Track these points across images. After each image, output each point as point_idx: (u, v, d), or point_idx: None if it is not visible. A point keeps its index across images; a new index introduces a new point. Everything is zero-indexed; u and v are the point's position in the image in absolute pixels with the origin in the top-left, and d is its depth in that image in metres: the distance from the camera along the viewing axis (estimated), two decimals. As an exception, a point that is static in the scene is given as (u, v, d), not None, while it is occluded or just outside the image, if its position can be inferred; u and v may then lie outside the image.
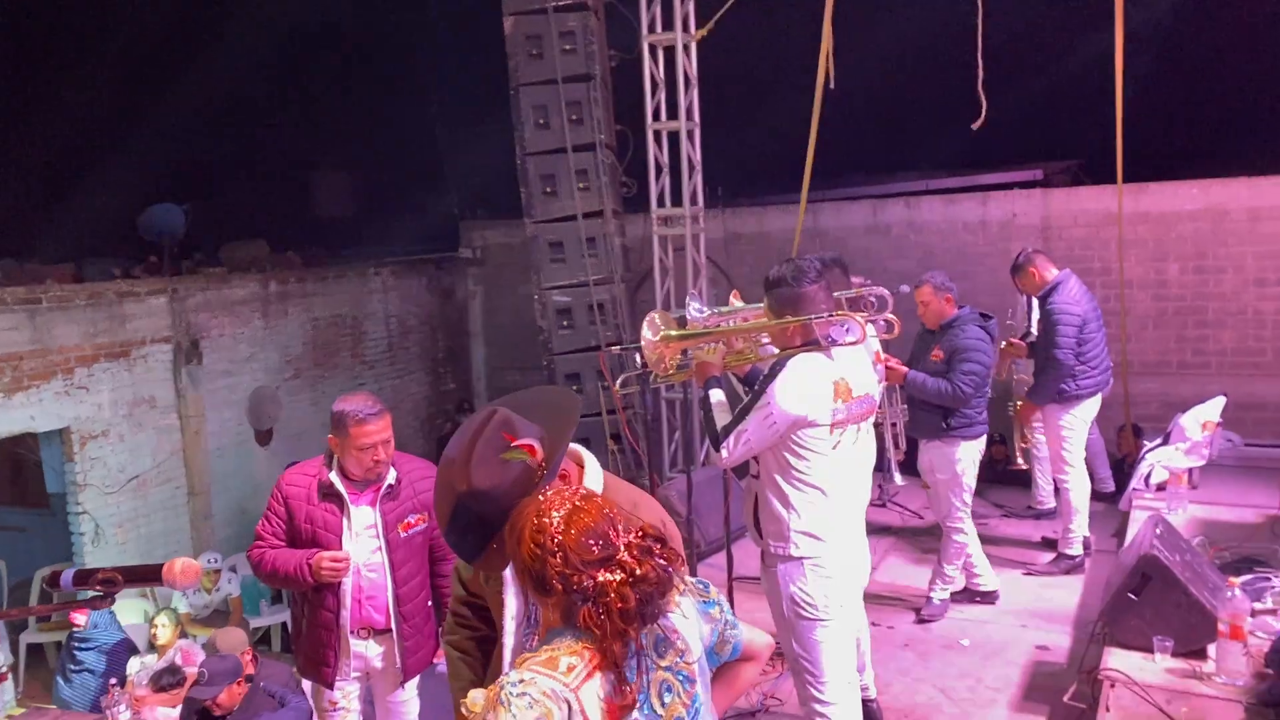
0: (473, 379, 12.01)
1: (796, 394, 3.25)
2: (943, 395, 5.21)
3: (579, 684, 1.82)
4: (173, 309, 8.48)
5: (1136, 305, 8.59)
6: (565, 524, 1.85)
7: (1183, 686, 3.86)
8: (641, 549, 1.86)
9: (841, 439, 3.35)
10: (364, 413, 3.22)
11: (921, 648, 5.10)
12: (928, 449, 5.43)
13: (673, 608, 1.95)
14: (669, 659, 1.92)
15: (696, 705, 1.97)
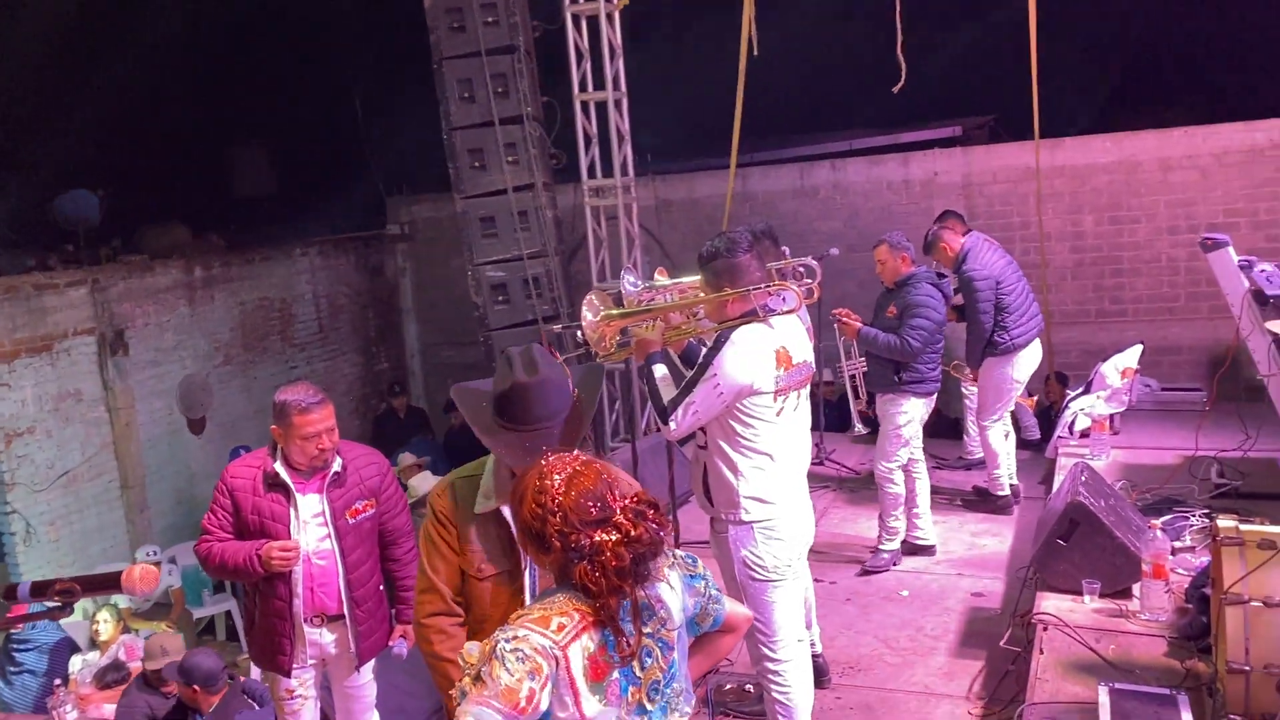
0: (406, 357, 11.91)
1: (742, 364, 3.32)
2: (892, 349, 5.38)
3: (567, 642, 1.93)
4: (94, 299, 8.26)
5: (1055, 257, 8.84)
6: (565, 486, 1.98)
7: (1111, 625, 4.06)
8: (636, 512, 1.97)
9: (784, 405, 3.44)
10: (306, 402, 3.22)
11: (863, 601, 5.26)
12: (880, 401, 5.63)
13: (661, 578, 2.06)
14: (651, 626, 2.03)
15: (673, 670, 2.08)
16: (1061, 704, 3.47)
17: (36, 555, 7.70)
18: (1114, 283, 8.87)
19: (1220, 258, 4.99)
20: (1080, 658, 3.80)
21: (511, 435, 2.41)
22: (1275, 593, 3.08)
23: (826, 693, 4.29)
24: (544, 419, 2.42)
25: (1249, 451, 5.65)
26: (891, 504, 5.59)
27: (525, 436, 2.39)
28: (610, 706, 1.98)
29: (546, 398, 2.42)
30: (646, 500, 2.02)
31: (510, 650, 1.91)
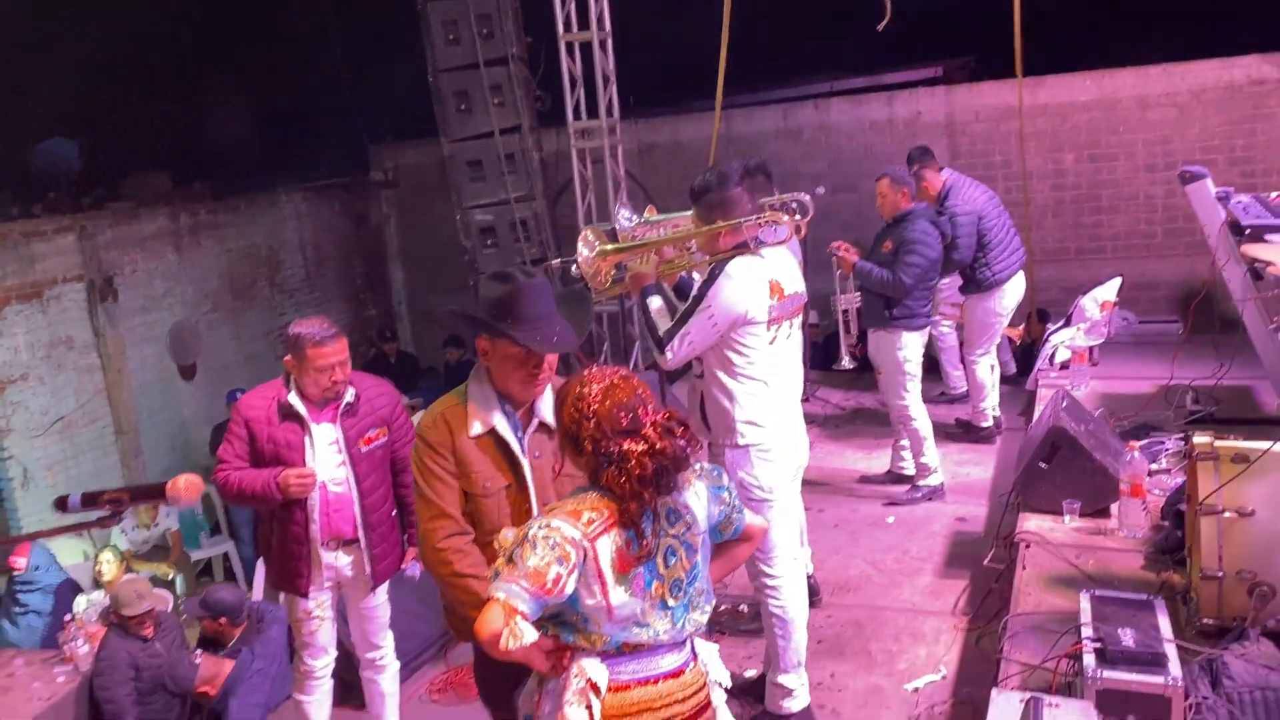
0: (393, 304, 11.97)
1: (736, 294, 3.43)
2: (885, 284, 5.46)
3: (596, 535, 2.10)
4: (82, 247, 8.27)
5: (1037, 195, 8.97)
6: (602, 395, 2.16)
7: (1090, 542, 4.25)
8: (664, 428, 2.14)
9: (777, 334, 3.56)
10: (321, 335, 3.30)
11: (851, 528, 5.44)
12: (874, 338, 5.72)
13: (688, 486, 2.23)
14: (678, 529, 2.20)
15: (695, 571, 2.24)
16: (1043, 614, 3.64)
17: (34, 500, 7.79)
18: (1093, 220, 9.01)
19: (1198, 189, 5.11)
20: (1061, 572, 3.99)
21: (519, 334, 2.53)
22: (1247, 503, 3.24)
23: (818, 611, 4.47)
24: (548, 317, 2.57)
25: (1223, 380, 5.82)
26: (919, 441, 5.66)
27: (529, 334, 2.52)
28: (635, 597, 2.13)
29: (547, 297, 2.60)
30: (677, 418, 2.18)
31: (542, 537, 2.07)
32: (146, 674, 4.85)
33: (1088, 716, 2.57)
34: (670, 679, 2.19)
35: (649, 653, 2.18)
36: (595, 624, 2.14)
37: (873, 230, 6.86)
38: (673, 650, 2.22)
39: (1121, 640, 2.84)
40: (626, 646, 2.17)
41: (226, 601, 4.89)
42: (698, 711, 2.23)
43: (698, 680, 2.26)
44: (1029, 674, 3.22)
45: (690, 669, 2.25)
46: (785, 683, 3.60)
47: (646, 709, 2.15)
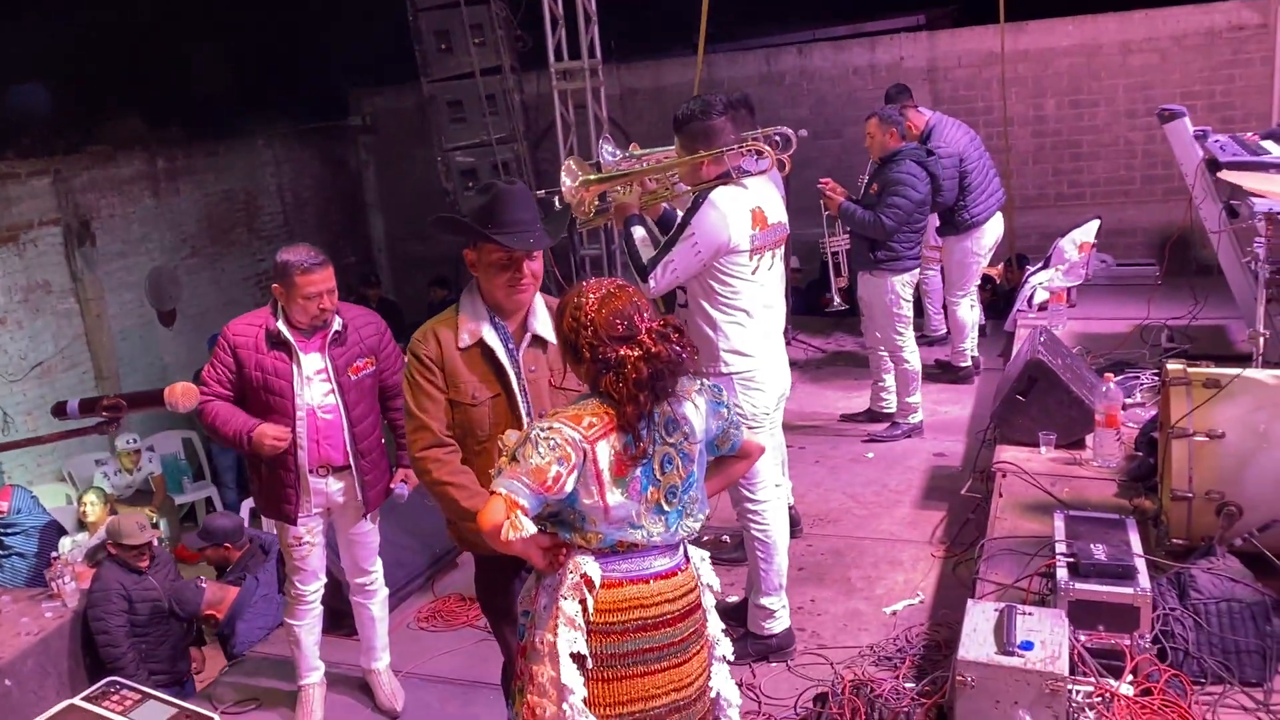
0: (373, 251, 11.91)
1: (719, 223, 3.45)
2: (866, 226, 5.47)
3: (595, 438, 2.17)
4: (58, 190, 8.18)
5: (1018, 142, 8.99)
6: (599, 304, 2.22)
7: (1065, 472, 4.35)
8: (660, 334, 2.20)
9: (760, 264, 3.59)
10: (308, 262, 3.30)
11: (831, 463, 5.52)
12: (863, 280, 5.74)
13: (687, 398, 2.29)
14: (675, 438, 2.26)
15: (690, 480, 2.31)
16: (1019, 538, 3.74)
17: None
18: (1073, 166, 9.05)
19: (1176, 128, 5.16)
20: (1036, 499, 4.08)
21: (499, 236, 2.60)
22: (1218, 426, 3.33)
23: (799, 541, 4.55)
24: (529, 222, 2.64)
25: (1198, 319, 5.92)
26: (907, 380, 5.71)
27: (509, 236, 2.59)
28: (631, 500, 2.21)
29: (527, 203, 2.67)
30: (673, 324, 2.24)
31: (544, 438, 2.14)
32: (141, 606, 4.90)
33: (1059, 624, 2.66)
34: (662, 579, 2.26)
35: (643, 553, 2.25)
36: (592, 523, 2.21)
37: (855, 176, 6.88)
38: (666, 553, 2.29)
39: (1093, 554, 2.93)
40: (621, 545, 2.24)
41: (225, 526, 5.01)
42: (687, 612, 2.30)
43: (689, 583, 2.33)
44: (1003, 592, 3.32)
45: (682, 572, 2.32)
46: (767, 604, 3.69)
47: (638, 604, 2.22)
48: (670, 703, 2.27)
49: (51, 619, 5.13)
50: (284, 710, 3.72)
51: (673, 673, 2.26)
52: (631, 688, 2.23)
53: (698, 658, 2.33)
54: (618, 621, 2.21)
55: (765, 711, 3.42)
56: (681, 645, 2.28)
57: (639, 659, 2.22)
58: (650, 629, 2.23)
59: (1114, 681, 2.72)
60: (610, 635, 2.21)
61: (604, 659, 2.22)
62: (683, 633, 2.28)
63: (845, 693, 3.21)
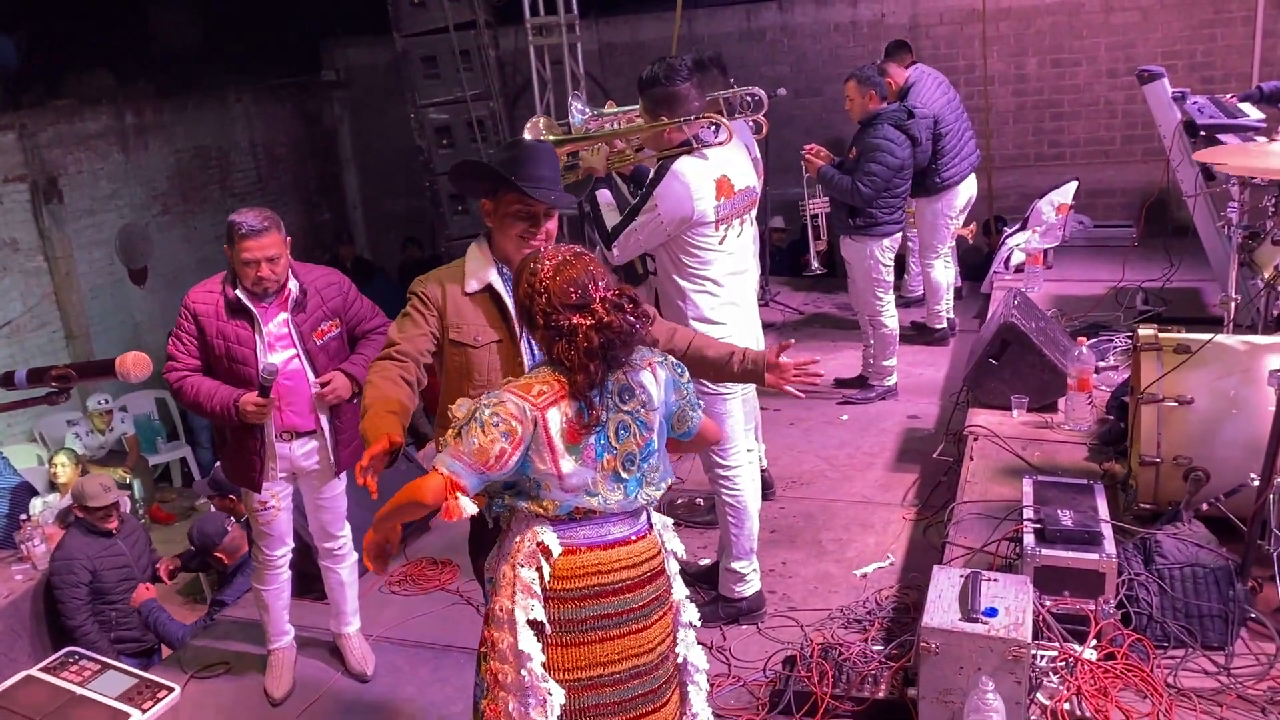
0: (348, 208, 11.77)
1: (681, 194, 3.38)
2: (845, 193, 5.41)
3: (545, 405, 2.15)
4: (24, 145, 8.02)
5: (998, 101, 8.93)
6: (553, 271, 2.19)
7: (1036, 435, 4.36)
8: (614, 304, 2.17)
9: (727, 233, 3.53)
10: (249, 227, 3.22)
11: (805, 426, 5.51)
12: (844, 244, 5.69)
13: (645, 367, 2.28)
14: (630, 405, 2.25)
15: (650, 448, 2.29)
16: (988, 502, 3.75)
17: (-15, 405, 7.67)
18: (1053, 126, 9.01)
19: (1155, 89, 5.13)
20: (1007, 463, 4.09)
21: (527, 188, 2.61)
22: (1187, 392, 3.33)
23: (771, 504, 4.55)
24: (552, 179, 2.66)
25: (1172, 281, 5.92)
26: (885, 345, 5.69)
27: (538, 190, 2.61)
28: (585, 467, 2.19)
29: (551, 161, 2.72)
30: (628, 295, 2.20)
31: (489, 415, 2.12)
32: (108, 575, 4.88)
33: (1024, 590, 2.67)
34: (621, 546, 2.26)
35: (601, 520, 2.24)
36: (547, 489, 2.20)
37: (836, 134, 6.83)
38: (626, 520, 2.28)
39: (1060, 520, 2.93)
40: (579, 512, 2.23)
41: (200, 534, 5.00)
42: (648, 578, 2.29)
43: (650, 549, 2.32)
44: (971, 556, 3.33)
45: (643, 539, 2.31)
46: (738, 568, 3.69)
47: (596, 571, 2.22)
48: (631, 668, 2.27)
49: (21, 581, 5.11)
50: (254, 675, 3.70)
51: (633, 638, 2.26)
52: (590, 653, 2.24)
53: (660, 623, 2.33)
54: (575, 588, 2.21)
55: (735, 674, 3.43)
56: (642, 611, 2.27)
57: (597, 624, 2.23)
58: (609, 595, 2.23)
59: (1078, 646, 2.74)
60: (568, 601, 2.21)
61: (562, 624, 2.22)
62: (643, 599, 2.27)
63: (814, 655, 3.23)
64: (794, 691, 3.12)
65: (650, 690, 2.30)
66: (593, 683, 2.25)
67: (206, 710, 3.55)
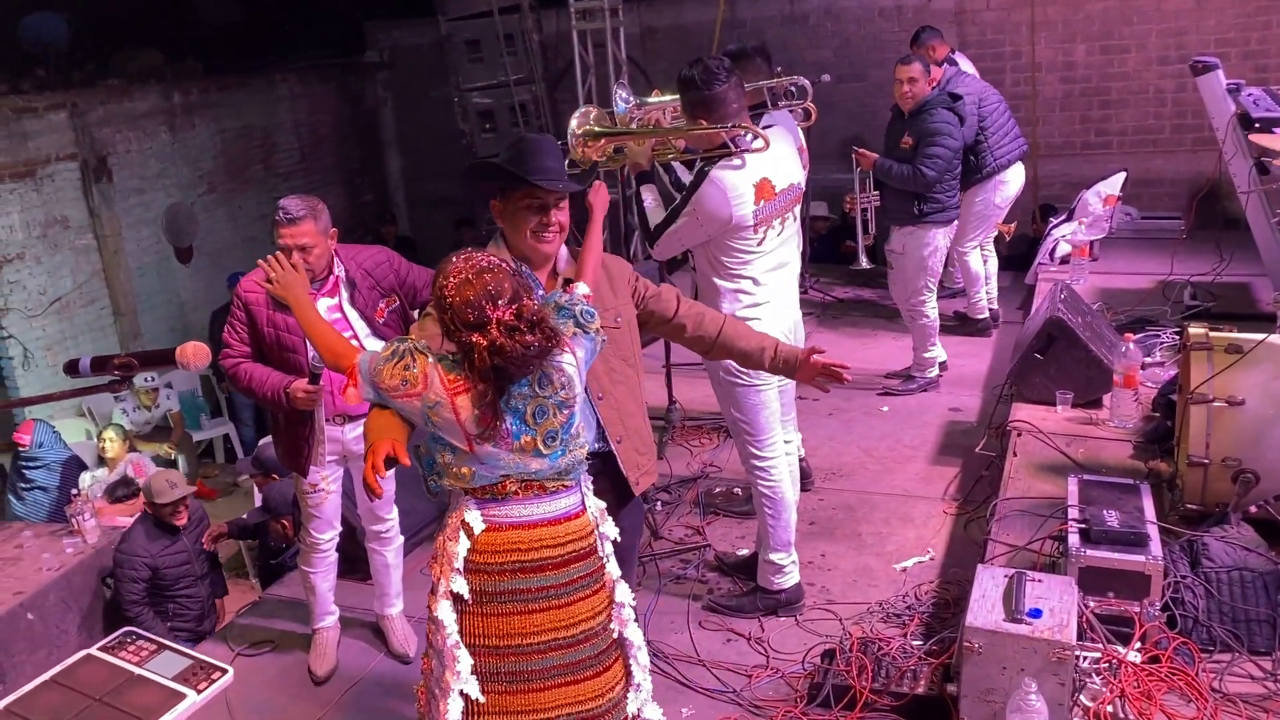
0: (390, 189, 11.84)
1: (719, 200, 3.39)
2: (906, 180, 5.35)
3: (458, 391, 2.24)
4: (75, 124, 8.14)
5: (1045, 88, 8.79)
6: (457, 288, 2.23)
7: (1081, 431, 4.32)
8: (509, 327, 2.19)
9: (766, 234, 3.53)
10: (286, 215, 3.26)
11: (845, 416, 5.51)
12: (900, 234, 5.61)
13: (564, 351, 2.33)
14: (548, 390, 2.31)
15: (571, 422, 2.36)
16: (1031, 499, 3.73)
17: (35, 380, 7.84)
18: (1101, 114, 8.85)
19: (1209, 81, 5.04)
20: (1051, 460, 4.06)
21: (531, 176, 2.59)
22: (1238, 393, 3.29)
23: (810, 495, 4.56)
24: (557, 170, 2.65)
25: (1222, 276, 5.84)
26: (926, 336, 5.65)
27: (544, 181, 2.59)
28: (501, 450, 2.28)
29: (554, 152, 2.67)
30: (528, 316, 2.21)
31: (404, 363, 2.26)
32: (168, 572, 4.82)
33: (1068, 591, 2.66)
34: (545, 526, 2.33)
35: (528, 500, 2.32)
36: (463, 459, 2.29)
37: (879, 122, 6.70)
38: (555, 497, 2.35)
39: (1106, 521, 2.92)
40: (501, 490, 2.31)
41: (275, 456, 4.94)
42: (572, 558, 2.36)
43: (578, 531, 2.38)
44: (1014, 554, 3.32)
45: (572, 520, 2.37)
46: (776, 560, 3.71)
47: (515, 549, 2.30)
48: (549, 640, 2.35)
49: (72, 554, 5.20)
50: (298, 653, 3.78)
51: (553, 614, 2.34)
52: (507, 624, 2.33)
53: (585, 602, 2.39)
54: (494, 563, 2.31)
55: (773, 666, 3.45)
56: (565, 589, 2.35)
57: (514, 598, 2.33)
58: (528, 572, 2.32)
59: (1122, 648, 2.73)
60: (487, 574, 2.31)
61: (482, 595, 2.32)
62: (564, 578, 2.35)
63: (853, 649, 3.24)
64: (833, 685, 3.14)
65: (570, 663, 2.38)
66: (509, 651, 2.35)
67: (253, 687, 3.63)
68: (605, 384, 2.78)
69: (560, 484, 2.37)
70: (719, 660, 3.50)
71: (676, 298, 2.98)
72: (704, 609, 3.82)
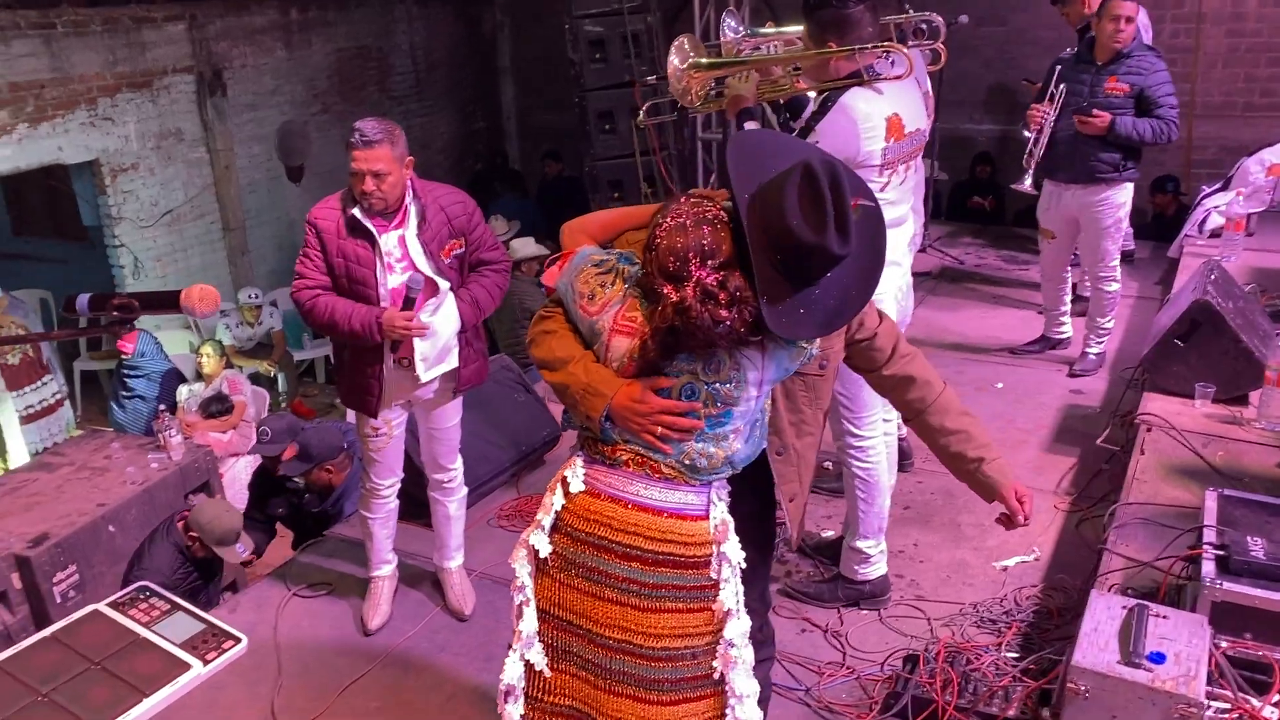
0: (502, 119, 11.65)
1: (849, 131, 3.01)
2: (1160, 135, 4.75)
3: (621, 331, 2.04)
4: (192, 37, 8.13)
5: (1208, 41, 8.00)
6: (667, 233, 1.96)
7: (1220, 431, 3.86)
8: (706, 291, 1.90)
9: (890, 179, 3.16)
10: (359, 135, 3.02)
11: (955, 391, 5.10)
12: (1088, 193, 4.95)
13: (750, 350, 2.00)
14: (711, 379, 2.01)
15: (720, 426, 2.04)
16: (1158, 505, 3.33)
17: (146, 288, 7.95)
18: (1269, 73, 8.03)
19: None
20: (1184, 462, 3.63)
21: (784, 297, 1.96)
22: None
23: (908, 477, 4.23)
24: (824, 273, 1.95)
25: (1400, 263, 5.20)
26: (1109, 305, 5.14)
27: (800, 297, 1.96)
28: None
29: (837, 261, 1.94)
30: (733, 291, 1.89)
31: (605, 278, 2.09)
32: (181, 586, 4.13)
33: (1199, 635, 2.29)
34: (649, 513, 2.04)
35: (645, 479, 2.05)
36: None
37: (1018, 70, 6.17)
38: (670, 487, 2.05)
39: (1249, 550, 2.52)
40: (614, 453, 2.06)
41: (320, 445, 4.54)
42: (668, 562, 2.04)
43: (687, 535, 2.04)
44: (1135, 572, 2.95)
45: (684, 521, 2.05)
46: (863, 548, 3.40)
47: (606, 523, 2.05)
48: (623, 641, 2.07)
49: (156, 470, 5.21)
50: (354, 599, 3.66)
51: (632, 614, 2.05)
52: (581, 603, 2.10)
53: (674, 617, 2.06)
54: (582, 530, 2.07)
55: (849, 664, 3.17)
56: (650, 591, 2.03)
57: (593, 576, 2.07)
58: (614, 555, 2.04)
59: (1256, 700, 2.36)
60: (573, 540, 2.09)
61: (562, 559, 2.11)
62: (652, 578, 2.03)
63: (939, 659, 2.94)
64: (912, 696, 2.85)
65: (644, 677, 2.07)
66: (580, 633, 2.11)
67: (303, 631, 3.52)
68: (790, 438, 2.44)
69: (682, 478, 2.06)
70: (790, 653, 3.23)
71: (894, 345, 2.42)
72: (779, 593, 3.54)
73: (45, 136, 7.15)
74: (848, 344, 2.40)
